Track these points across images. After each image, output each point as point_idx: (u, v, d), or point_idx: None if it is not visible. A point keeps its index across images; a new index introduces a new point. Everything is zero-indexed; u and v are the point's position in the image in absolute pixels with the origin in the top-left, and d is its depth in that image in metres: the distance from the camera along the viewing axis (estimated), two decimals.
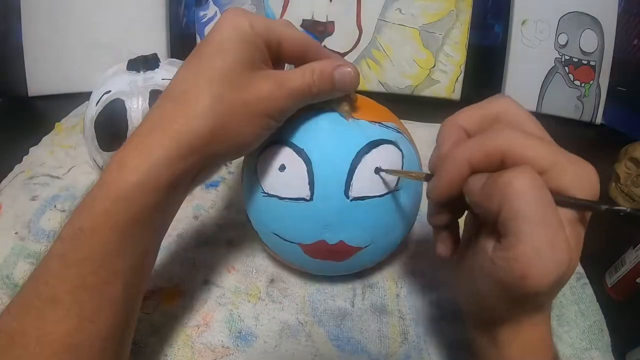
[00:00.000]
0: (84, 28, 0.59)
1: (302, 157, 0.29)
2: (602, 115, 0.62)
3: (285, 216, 0.31)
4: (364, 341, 0.34)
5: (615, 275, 0.38)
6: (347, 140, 0.30)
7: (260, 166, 0.31)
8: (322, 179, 0.29)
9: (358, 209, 0.30)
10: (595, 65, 0.61)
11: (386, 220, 0.32)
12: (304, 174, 0.29)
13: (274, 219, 0.31)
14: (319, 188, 0.29)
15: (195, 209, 0.44)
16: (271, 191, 0.30)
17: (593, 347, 0.34)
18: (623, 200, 0.48)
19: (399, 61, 0.61)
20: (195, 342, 0.33)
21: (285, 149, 0.30)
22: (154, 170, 0.23)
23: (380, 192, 0.30)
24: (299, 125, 0.30)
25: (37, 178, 0.47)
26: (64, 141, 0.52)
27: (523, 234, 0.19)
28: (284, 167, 0.30)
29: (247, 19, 0.25)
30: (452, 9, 0.60)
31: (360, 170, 0.29)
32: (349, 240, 0.31)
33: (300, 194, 0.29)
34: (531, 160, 0.21)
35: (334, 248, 0.31)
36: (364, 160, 0.29)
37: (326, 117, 0.30)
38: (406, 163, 0.31)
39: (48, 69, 0.59)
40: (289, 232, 0.31)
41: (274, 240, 0.33)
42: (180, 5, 0.70)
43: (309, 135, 0.30)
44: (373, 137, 0.30)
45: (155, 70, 0.42)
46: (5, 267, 0.38)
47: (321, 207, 0.29)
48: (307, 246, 0.31)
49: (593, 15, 0.60)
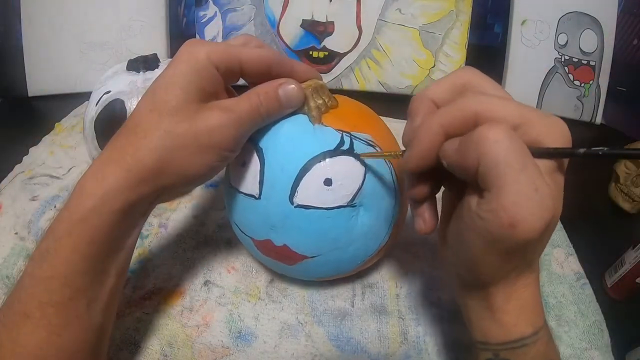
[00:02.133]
0: (83, 28, 0.59)
1: (258, 156, 0.30)
2: (602, 115, 0.62)
3: (241, 209, 0.32)
4: (363, 341, 0.34)
5: (615, 275, 0.38)
6: (302, 146, 0.29)
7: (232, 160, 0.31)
8: (270, 181, 0.29)
9: (302, 216, 0.29)
10: (595, 65, 0.61)
11: (335, 234, 0.30)
12: (257, 172, 0.30)
13: (235, 211, 0.33)
14: (266, 189, 0.30)
15: (195, 209, 0.44)
16: (234, 184, 0.32)
17: (593, 347, 0.34)
18: (623, 200, 0.48)
19: (399, 61, 0.61)
20: (195, 342, 0.33)
21: (248, 145, 0.30)
22: (108, 197, 0.24)
23: (329, 204, 0.29)
24: (268, 125, 0.30)
25: (37, 178, 0.47)
26: (64, 141, 0.52)
27: (506, 182, 0.19)
28: (244, 163, 0.31)
29: (204, 49, 0.26)
30: (452, 9, 0.60)
31: (308, 178, 0.29)
32: (293, 245, 0.31)
33: (252, 191, 0.30)
34: (503, 119, 0.21)
35: (280, 250, 0.31)
36: (315, 168, 0.29)
37: (293, 120, 0.30)
38: (369, 179, 0.30)
39: (48, 69, 0.59)
40: (244, 225, 0.33)
41: (237, 231, 0.34)
42: (180, 5, 0.70)
43: (270, 136, 0.30)
44: (331, 146, 0.29)
45: (155, 70, 0.42)
46: (5, 267, 0.38)
47: (266, 208, 0.30)
48: (257, 242, 0.32)
49: (593, 15, 0.60)
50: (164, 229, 0.42)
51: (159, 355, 0.32)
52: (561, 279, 0.39)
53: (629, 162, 0.48)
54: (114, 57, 0.60)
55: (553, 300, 0.37)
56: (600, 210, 0.48)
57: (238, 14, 0.62)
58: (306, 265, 0.32)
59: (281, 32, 0.62)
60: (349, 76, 0.62)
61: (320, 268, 0.33)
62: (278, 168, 0.29)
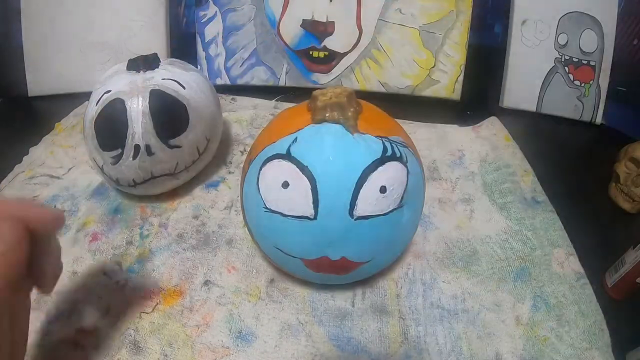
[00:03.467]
0: (83, 28, 0.59)
1: (305, 175, 0.28)
2: (602, 115, 0.62)
3: (288, 233, 0.30)
4: (364, 341, 0.34)
5: (615, 275, 0.38)
6: (353, 158, 0.29)
7: (263, 181, 0.30)
8: (326, 198, 0.28)
9: (362, 227, 0.29)
10: (595, 65, 0.61)
11: (388, 236, 0.31)
12: (308, 192, 0.28)
13: (276, 234, 0.31)
14: (323, 207, 0.28)
15: (195, 209, 0.44)
16: (274, 207, 0.30)
17: (593, 347, 0.34)
18: (623, 200, 0.48)
19: (399, 61, 0.61)
20: (195, 342, 0.33)
21: (289, 164, 0.29)
22: None
23: (384, 210, 0.29)
24: (302, 139, 0.29)
25: (37, 178, 0.47)
26: (64, 141, 0.52)
27: None
28: (287, 184, 0.29)
29: None
30: (452, 9, 0.60)
31: (365, 190, 0.28)
32: (351, 256, 0.31)
33: (304, 213, 0.29)
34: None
35: (336, 264, 0.31)
36: (370, 178, 0.28)
37: (331, 131, 0.29)
38: (411, 180, 0.31)
39: (48, 69, 0.59)
40: (291, 247, 0.31)
41: (276, 254, 0.33)
42: (180, 5, 0.70)
43: (313, 151, 0.29)
44: (379, 154, 0.29)
45: (155, 70, 0.42)
46: None
47: (325, 226, 0.29)
48: (309, 261, 0.31)
49: (593, 15, 0.60)
50: (164, 229, 0.42)
51: (159, 355, 0.32)
52: (561, 278, 0.39)
53: (629, 162, 0.48)
54: (114, 57, 0.60)
55: (553, 300, 0.37)
56: (600, 210, 0.48)
57: (238, 13, 0.62)
58: (358, 271, 0.32)
59: (281, 32, 0.62)
60: (349, 76, 0.62)
61: (370, 270, 0.34)
62: (333, 185, 0.28)
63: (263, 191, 0.30)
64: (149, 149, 0.39)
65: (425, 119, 0.57)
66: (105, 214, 0.43)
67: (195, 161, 0.43)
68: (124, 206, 0.44)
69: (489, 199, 0.47)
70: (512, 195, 0.47)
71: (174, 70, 0.43)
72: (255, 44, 0.62)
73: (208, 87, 0.45)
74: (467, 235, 0.43)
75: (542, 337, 0.35)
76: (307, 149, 0.29)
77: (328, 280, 0.35)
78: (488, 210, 0.46)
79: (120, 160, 0.39)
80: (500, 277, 0.39)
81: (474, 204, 0.46)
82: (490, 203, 0.46)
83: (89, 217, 0.43)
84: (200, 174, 0.47)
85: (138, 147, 0.39)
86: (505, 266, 0.40)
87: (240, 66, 0.63)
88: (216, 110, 0.46)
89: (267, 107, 0.60)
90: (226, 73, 0.63)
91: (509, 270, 0.40)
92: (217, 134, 0.46)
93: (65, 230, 0.41)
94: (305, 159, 0.29)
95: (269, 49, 0.62)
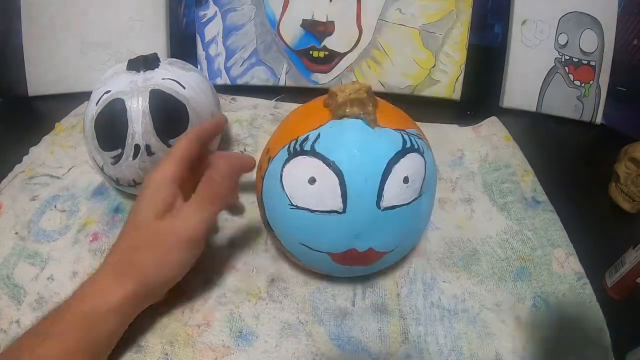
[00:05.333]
0: (83, 28, 0.59)
1: (332, 170, 0.29)
2: (602, 115, 0.62)
3: (316, 228, 0.31)
4: (364, 341, 0.34)
5: (615, 275, 0.38)
6: (377, 151, 0.30)
7: (287, 178, 0.31)
8: (354, 192, 0.29)
9: (388, 217, 0.30)
10: (595, 65, 0.61)
11: (411, 225, 0.33)
12: (336, 186, 0.29)
13: (302, 231, 0.31)
14: (351, 201, 0.29)
15: None
16: (300, 204, 0.30)
17: (593, 347, 0.34)
18: (623, 200, 0.48)
19: (399, 61, 0.61)
20: (196, 341, 0.33)
21: (314, 161, 0.29)
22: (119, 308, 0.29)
23: (407, 200, 0.31)
24: (325, 135, 0.30)
25: (37, 178, 0.47)
26: (64, 141, 0.52)
27: None
28: (313, 179, 0.29)
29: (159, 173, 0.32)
30: (452, 9, 0.60)
31: (390, 181, 0.29)
32: (378, 247, 0.32)
33: (332, 207, 0.29)
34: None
35: (363, 255, 0.32)
36: (394, 170, 0.29)
37: (353, 127, 0.30)
38: (428, 170, 0.32)
39: (48, 69, 0.59)
40: (318, 243, 0.31)
41: (301, 250, 0.33)
42: (180, 5, 0.70)
43: (337, 146, 0.30)
44: (399, 146, 0.30)
45: (155, 70, 0.42)
46: (5, 267, 0.38)
47: (353, 219, 0.30)
48: (336, 255, 0.32)
49: (593, 15, 0.60)
50: None
51: (160, 355, 0.32)
52: (562, 278, 0.39)
53: (629, 162, 0.48)
54: (114, 57, 0.60)
55: (554, 300, 0.37)
56: (600, 210, 0.48)
57: (238, 13, 0.62)
58: (382, 261, 0.34)
59: (281, 31, 0.62)
60: (349, 76, 0.62)
61: (392, 259, 0.35)
62: (360, 178, 0.29)
63: (288, 188, 0.30)
64: (149, 149, 0.39)
65: (425, 119, 0.57)
66: (106, 213, 0.43)
67: None
68: (124, 206, 0.44)
69: (489, 199, 0.47)
70: (512, 195, 0.47)
71: (174, 70, 0.43)
72: (255, 44, 0.62)
73: (208, 87, 0.45)
74: (468, 235, 0.43)
75: (542, 337, 0.35)
76: (331, 144, 0.30)
77: (352, 273, 0.36)
78: (488, 210, 0.46)
79: (120, 160, 0.39)
80: (500, 277, 0.39)
81: (474, 204, 0.46)
82: (491, 203, 0.46)
83: (90, 217, 0.43)
84: None
85: (138, 147, 0.39)
86: (506, 266, 0.40)
87: (240, 66, 0.63)
88: (216, 110, 0.46)
89: (267, 107, 0.59)
90: (226, 73, 0.63)
91: (509, 270, 0.40)
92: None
93: (65, 231, 0.41)
94: (331, 154, 0.29)
95: (269, 49, 0.62)
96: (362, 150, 0.29)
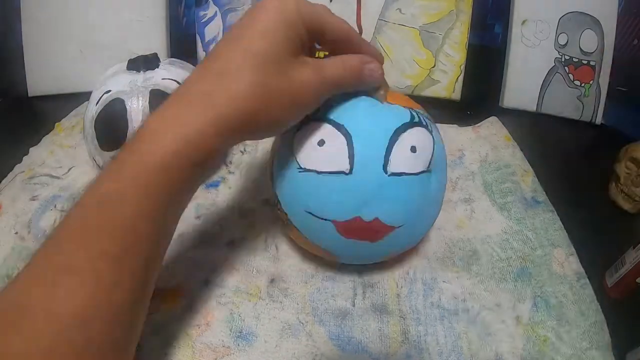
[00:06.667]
0: (83, 28, 0.59)
1: (341, 132, 0.30)
2: (602, 115, 0.62)
3: (322, 191, 0.31)
4: (364, 341, 0.34)
5: (615, 275, 0.38)
6: (385, 119, 0.31)
7: (298, 143, 0.31)
8: (361, 153, 0.30)
9: (395, 184, 0.30)
10: (595, 65, 0.61)
11: (419, 200, 0.32)
12: (344, 147, 0.30)
13: (309, 195, 0.31)
14: (358, 161, 0.29)
15: (196, 209, 0.44)
16: (308, 166, 0.31)
17: (593, 347, 0.34)
18: (623, 200, 0.48)
19: (399, 61, 0.61)
20: (196, 341, 0.33)
21: (324, 125, 0.30)
22: (191, 143, 0.23)
23: (416, 170, 0.31)
24: (337, 104, 0.31)
25: (37, 178, 0.47)
26: (64, 141, 0.52)
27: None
28: (323, 142, 0.30)
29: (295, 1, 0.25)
30: (452, 9, 0.60)
31: (398, 147, 0.30)
32: (384, 217, 0.31)
33: (340, 168, 0.30)
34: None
35: (369, 226, 0.31)
36: (401, 138, 0.30)
37: (363, 99, 0.31)
38: (436, 148, 0.33)
39: (48, 69, 0.59)
40: (324, 208, 0.31)
41: (306, 220, 0.33)
42: (180, 5, 0.70)
43: (347, 113, 0.31)
44: (407, 119, 0.31)
45: (155, 70, 0.42)
46: (5, 267, 0.38)
47: (360, 181, 0.30)
48: (341, 223, 0.31)
49: (593, 15, 0.60)
50: None
51: (159, 355, 0.32)
52: (562, 278, 0.39)
53: (629, 162, 0.48)
54: (114, 57, 0.60)
55: (554, 300, 0.37)
56: (600, 210, 0.48)
57: (238, 13, 0.62)
58: (389, 238, 0.32)
59: None
60: None
61: (400, 240, 0.34)
62: (368, 140, 0.30)
63: (297, 153, 0.31)
64: None
65: None
66: None
67: None
68: None
69: (489, 199, 0.47)
70: (512, 195, 0.47)
71: (174, 70, 0.43)
72: None
73: None
74: (468, 235, 0.43)
75: (542, 337, 0.35)
76: (341, 111, 0.31)
77: (357, 252, 0.34)
78: (488, 210, 0.46)
79: None
80: (500, 277, 0.39)
81: (474, 204, 0.46)
82: (491, 203, 0.46)
83: None
84: None
85: None
86: (506, 266, 0.40)
87: None
88: None
89: None
90: None
91: (509, 270, 0.40)
92: None
93: None
94: (341, 118, 0.30)
95: None
96: (371, 117, 0.31)
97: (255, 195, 0.46)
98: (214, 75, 0.24)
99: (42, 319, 0.20)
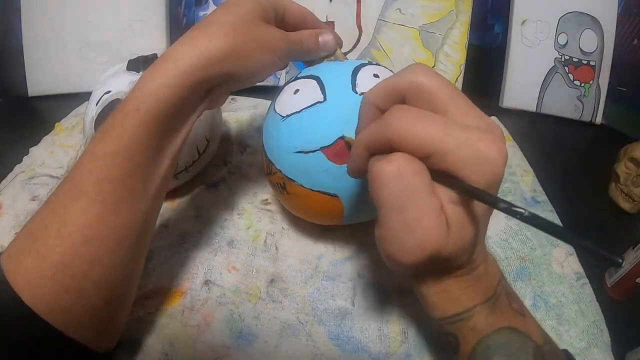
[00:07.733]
0: (83, 28, 0.59)
1: (312, 78, 0.34)
2: (602, 115, 0.62)
3: (305, 125, 0.33)
4: (364, 340, 0.34)
5: (615, 275, 0.38)
6: (346, 64, 0.36)
7: (278, 103, 0.35)
8: (331, 84, 0.34)
9: None
10: (595, 65, 0.61)
11: None
12: (315, 86, 0.34)
13: (294, 135, 0.34)
14: (329, 90, 0.33)
15: (197, 209, 0.44)
16: (289, 111, 0.34)
17: (593, 347, 0.34)
18: (623, 200, 0.48)
19: (399, 61, 0.61)
20: (196, 341, 0.33)
21: (296, 80, 0.35)
22: (180, 75, 0.27)
23: None
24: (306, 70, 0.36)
25: (37, 178, 0.47)
26: (64, 141, 0.52)
27: (382, 220, 0.23)
28: (297, 90, 0.34)
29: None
30: (452, 9, 0.60)
31: (362, 74, 0.34)
32: None
33: (315, 100, 0.33)
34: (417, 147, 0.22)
35: None
36: (363, 69, 0.34)
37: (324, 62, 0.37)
38: None
39: (48, 69, 0.59)
40: (310, 139, 0.33)
41: (298, 164, 0.34)
42: (180, 5, 0.70)
43: (313, 69, 0.36)
44: (365, 62, 0.36)
45: None
46: None
47: (335, 104, 0.33)
48: (329, 149, 0.32)
49: (593, 15, 0.60)
50: (165, 229, 0.42)
51: (159, 355, 0.32)
52: (561, 278, 0.39)
53: (629, 162, 0.48)
54: (114, 57, 0.60)
55: (553, 300, 0.37)
56: (600, 210, 0.48)
57: None
58: None
59: None
60: None
61: None
62: (334, 75, 0.34)
63: (279, 108, 0.35)
64: None
65: None
66: None
67: (195, 161, 0.43)
68: None
69: None
70: (512, 195, 0.47)
71: None
72: None
73: None
74: None
75: None
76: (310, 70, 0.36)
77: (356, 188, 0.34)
78: None
79: None
80: None
81: None
82: None
83: None
84: (201, 174, 0.47)
85: None
86: (505, 266, 0.40)
87: None
88: (216, 110, 0.46)
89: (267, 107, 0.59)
90: None
91: (509, 270, 0.40)
92: (217, 134, 0.46)
93: None
94: (309, 72, 0.35)
95: None
96: (334, 65, 0.36)
97: (255, 195, 0.46)
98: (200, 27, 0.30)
99: (53, 237, 0.24)
